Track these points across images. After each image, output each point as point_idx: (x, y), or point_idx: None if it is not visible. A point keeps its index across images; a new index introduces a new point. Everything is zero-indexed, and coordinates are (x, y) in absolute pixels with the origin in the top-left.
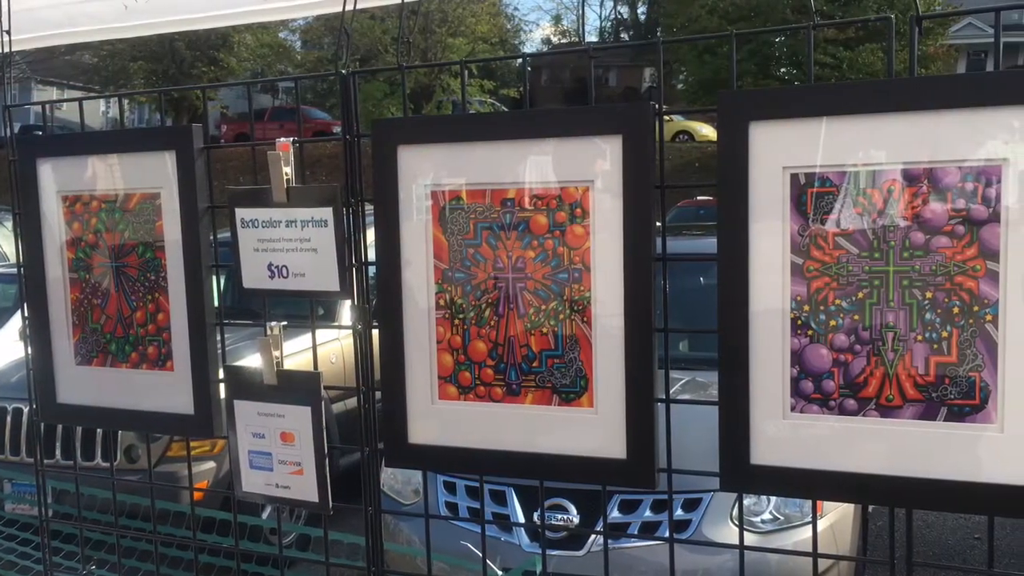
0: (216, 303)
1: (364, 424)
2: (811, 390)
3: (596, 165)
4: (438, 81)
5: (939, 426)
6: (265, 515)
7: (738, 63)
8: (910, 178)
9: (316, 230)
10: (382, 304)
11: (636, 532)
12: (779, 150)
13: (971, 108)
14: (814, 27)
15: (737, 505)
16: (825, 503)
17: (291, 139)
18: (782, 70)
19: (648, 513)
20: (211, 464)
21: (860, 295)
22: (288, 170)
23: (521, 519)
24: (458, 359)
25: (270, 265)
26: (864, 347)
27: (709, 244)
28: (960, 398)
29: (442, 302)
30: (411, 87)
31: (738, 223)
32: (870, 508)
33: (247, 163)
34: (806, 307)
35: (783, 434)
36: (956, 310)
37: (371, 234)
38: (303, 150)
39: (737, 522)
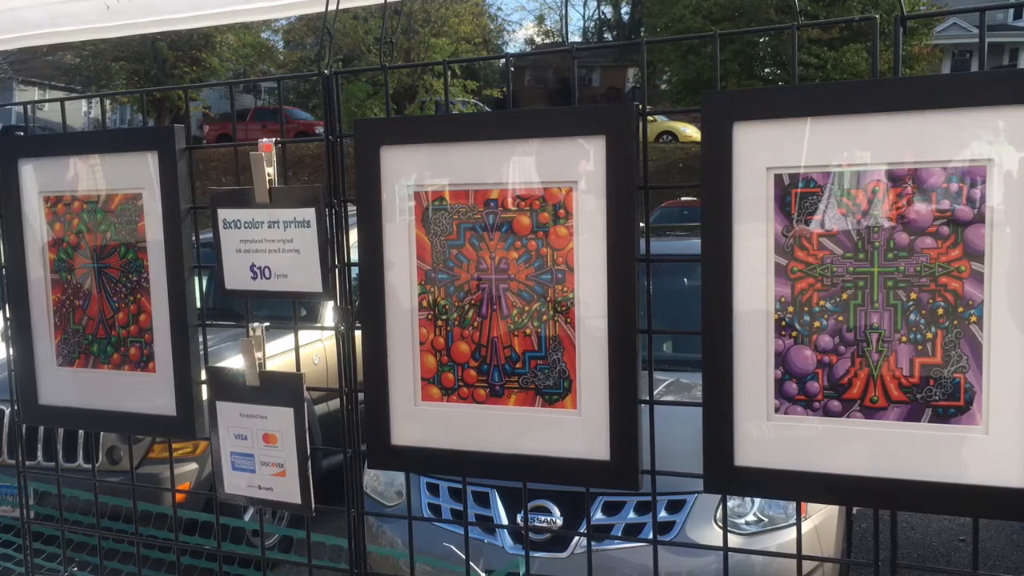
0: (198, 304)
1: (347, 425)
2: (795, 391)
3: (579, 166)
4: (421, 81)
5: (924, 428)
6: (247, 517)
7: (722, 63)
8: (895, 179)
9: (299, 231)
10: (365, 305)
11: (620, 534)
12: (763, 151)
13: (956, 108)
14: (798, 27)
15: (721, 507)
16: (809, 505)
17: (273, 139)
18: (766, 70)
19: (632, 515)
20: (193, 465)
21: (844, 296)
22: (270, 171)
23: (504, 521)
24: (441, 360)
25: (252, 266)
26: (848, 348)
27: (693, 245)
28: (945, 400)
29: (425, 303)
30: (394, 87)
31: (722, 224)
32: (854, 510)
33: (229, 164)
34: (790, 308)
35: (767, 435)
36: (941, 311)
37: (354, 235)
38: (286, 151)
39: (721, 524)
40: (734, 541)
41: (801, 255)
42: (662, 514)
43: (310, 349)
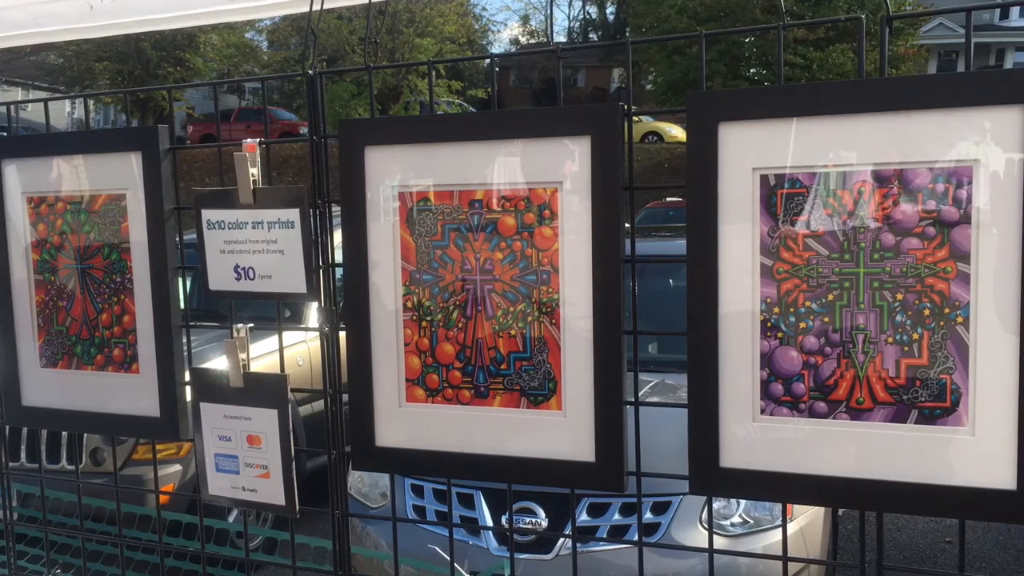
0: (182, 305)
1: (331, 427)
2: (781, 392)
3: (564, 166)
4: (405, 82)
5: (910, 429)
6: (231, 518)
7: (707, 63)
8: (880, 179)
9: (283, 231)
10: (349, 306)
11: (605, 536)
12: (748, 151)
13: (942, 109)
14: (784, 27)
15: (706, 508)
16: (795, 506)
17: (258, 140)
18: (752, 71)
19: (617, 516)
20: (177, 467)
21: (830, 297)
22: (255, 171)
23: (489, 522)
24: (426, 361)
25: (236, 267)
26: (834, 349)
27: (678, 246)
28: (931, 401)
29: (409, 304)
30: (378, 88)
31: (707, 224)
32: (840, 511)
33: (213, 164)
34: (776, 309)
35: (753, 437)
36: (927, 312)
37: (338, 235)
38: (270, 151)
39: (706, 525)
40: (719, 543)
41: (787, 256)
42: (647, 516)
43: (294, 350)
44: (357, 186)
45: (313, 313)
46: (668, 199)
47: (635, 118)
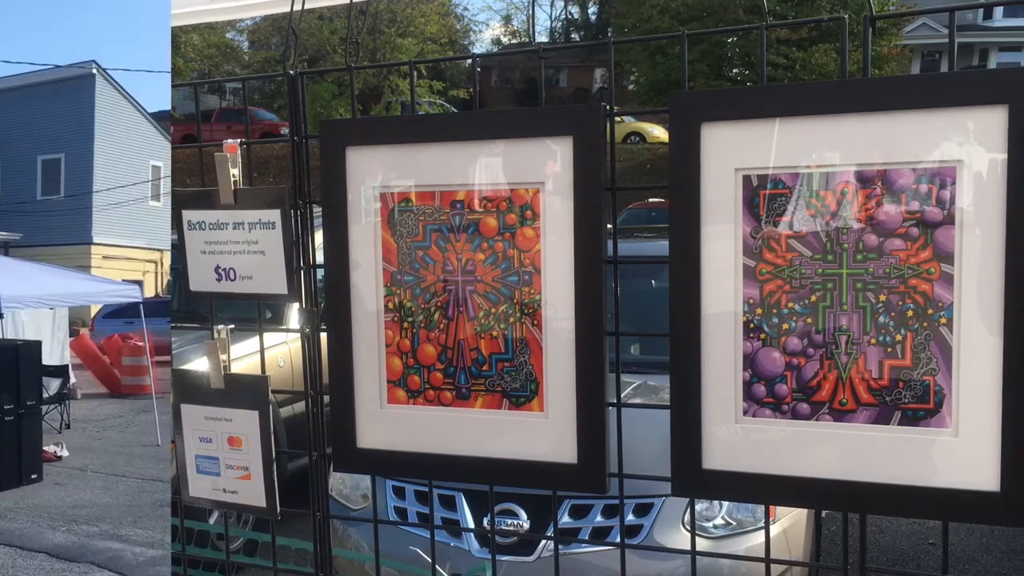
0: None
1: (312, 428)
2: (763, 394)
3: (546, 167)
4: (387, 82)
5: (893, 430)
6: (212, 520)
7: (690, 64)
8: (864, 180)
9: (264, 232)
10: (330, 307)
11: (587, 537)
12: (731, 152)
13: (925, 109)
14: (767, 27)
15: (689, 510)
16: (778, 508)
17: (238, 140)
18: (734, 71)
19: (599, 518)
20: None
21: (813, 298)
22: (235, 172)
23: (471, 524)
24: (407, 363)
25: (217, 267)
26: (817, 350)
27: (661, 247)
28: (914, 402)
29: (391, 305)
30: (359, 88)
31: (690, 225)
32: (823, 513)
33: (194, 165)
34: (759, 310)
35: (735, 438)
36: (910, 313)
37: (319, 236)
38: (251, 151)
39: (689, 527)
40: (702, 544)
41: (770, 257)
42: (630, 517)
43: (275, 351)
44: (338, 187)
45: (294, 314)
46: (650, 200)
47: (617, 118)
